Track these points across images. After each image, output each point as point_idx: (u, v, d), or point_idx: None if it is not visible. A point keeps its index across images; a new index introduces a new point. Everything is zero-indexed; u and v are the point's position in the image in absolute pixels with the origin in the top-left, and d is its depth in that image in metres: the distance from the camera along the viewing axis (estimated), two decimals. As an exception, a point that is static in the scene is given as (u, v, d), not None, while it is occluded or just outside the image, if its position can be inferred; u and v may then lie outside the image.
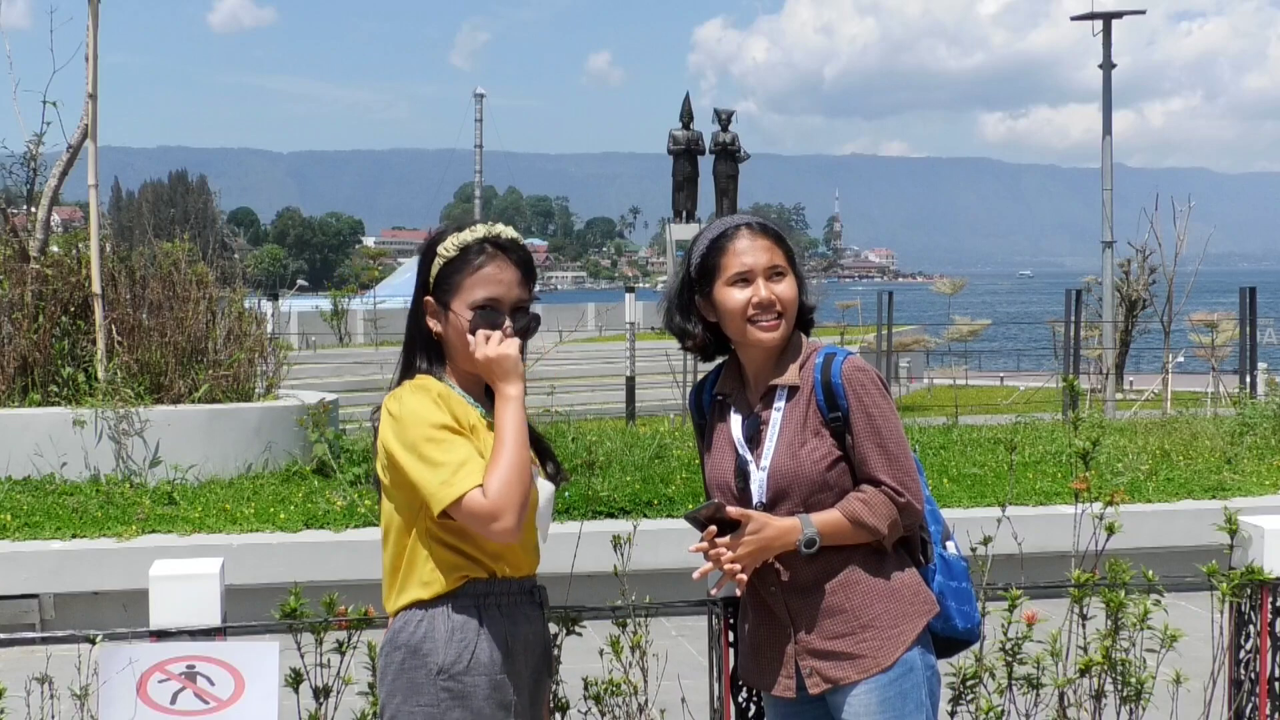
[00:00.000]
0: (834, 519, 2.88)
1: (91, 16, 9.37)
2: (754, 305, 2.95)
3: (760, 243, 2.98)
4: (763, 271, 2.96)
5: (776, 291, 2.96)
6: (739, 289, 2.97)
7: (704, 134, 38.24)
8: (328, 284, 71.00)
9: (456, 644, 2.65)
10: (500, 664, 2.69)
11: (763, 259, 2.97)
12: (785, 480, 2.92)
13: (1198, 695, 3.90)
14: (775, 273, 2.97)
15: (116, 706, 3.25)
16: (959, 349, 36.84)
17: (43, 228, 9.63)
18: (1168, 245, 23.57)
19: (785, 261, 2.99)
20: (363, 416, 17.35)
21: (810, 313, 3.09)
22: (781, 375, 2.99)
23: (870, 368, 3.00)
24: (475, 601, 2.69)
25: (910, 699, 2.90)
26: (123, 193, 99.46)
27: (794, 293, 2.99)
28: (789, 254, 3.02)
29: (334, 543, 7.35)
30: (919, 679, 2.92)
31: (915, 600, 2.95)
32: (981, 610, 3.73)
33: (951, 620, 3.03)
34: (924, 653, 2.96)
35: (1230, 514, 3.92)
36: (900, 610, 2.93)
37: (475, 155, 67.76)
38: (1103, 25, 23.83)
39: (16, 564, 6.97)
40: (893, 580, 2.95)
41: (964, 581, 3.08)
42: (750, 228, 3.00)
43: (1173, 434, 10.98)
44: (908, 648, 2.91)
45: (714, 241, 3.01)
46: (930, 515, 3.07)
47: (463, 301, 2.75)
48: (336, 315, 37.91)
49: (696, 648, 4.40)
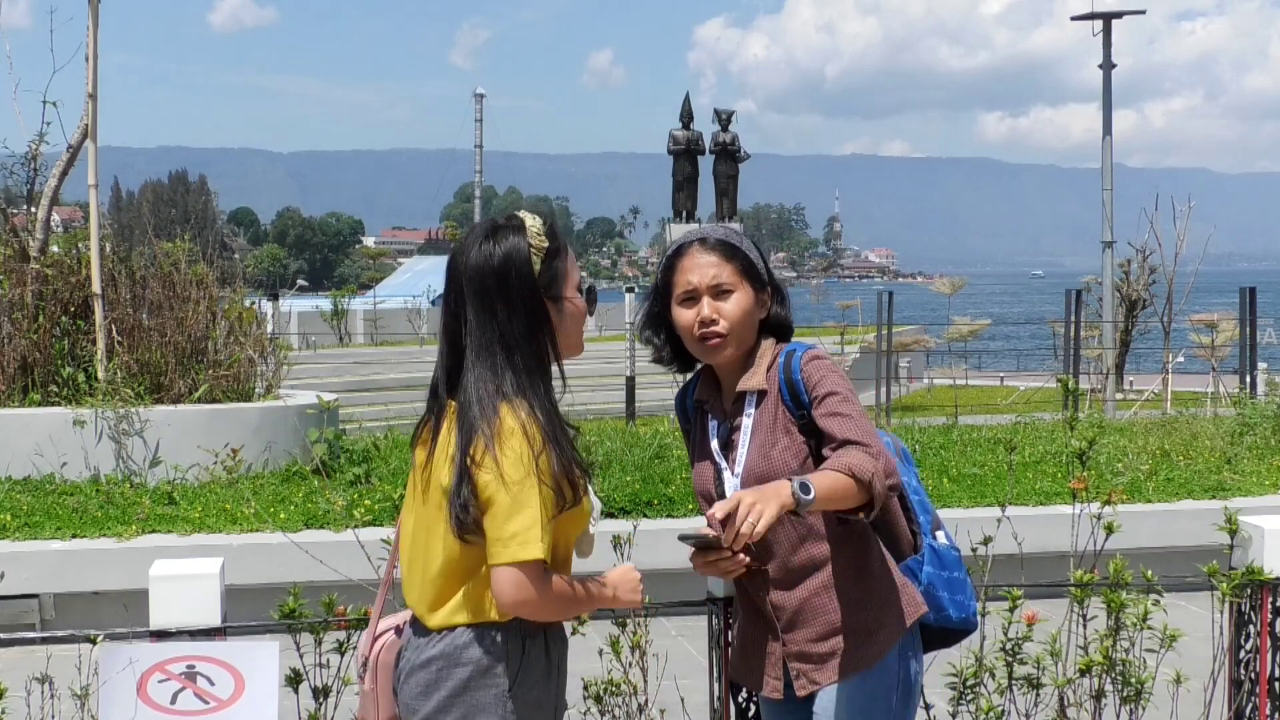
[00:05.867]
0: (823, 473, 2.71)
1: (91, 16, 9.37)
2: (699, 324, 2.94)
3: (706, 259, 2.96)
4: (707, 289, 2.94)
5: (721, 310, 2.93)
6: (687, 307, 2.97)
7: (704, 134, 38.25)
8: (327, 284, 70.98)
9: (528, 668, 2.62)
10: (557, 684, 2.70)
11: (707, 276, 2.94)
12: (759, 482, 2.89)
13: (1198, 695, 3.90)
14: (721, 290, 2.94)
15: (116, 706, 3.25)
16: (959, 349, 36.85)
17: (43, 228, 9.64)
18: (1168, 245, 23.58)
19: (736, 277, 2.95)
20: (363, 416, 17.23)
21: (784, 321, 3.05)
22: (750, 381, 2.98)
23: (827, 356, 2.99)
24: (544, 625, 2.65)
25: (879, 702, 2.88)
26: (123, 193, 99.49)
27: (742, 309, 2.95)
28: (745, 267, 2.97)
29: (334, 543, 7.35)
30: (892, 683, 2.89)
31: (896, 604, 2.93)
32: (982, 610, 3.74)
33: (945, 610, 3.00)
34: (905, 658, 2.93)
35: (1230, 514, 3.91)
36: (880, 615, 2.91)
37: (475, 155, 67.79)
38: (1103, 25, 23.83)
39: (16, 564, 6.97)
40: (873, 583, 2.93)
41: (956, 571, 3.04)
42: (701, 243, 2.98)
43: (1173, 434, 10.97)
44: (887, 652, 2.89)
45: (668, 259, 3.02)
46: (919, 505, 3.05)
47: (571, 286, 2.71)
48: (336, 315, 37.95)
49: (696, 648, 4.40)
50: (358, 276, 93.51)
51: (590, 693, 3.71)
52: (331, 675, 3.57)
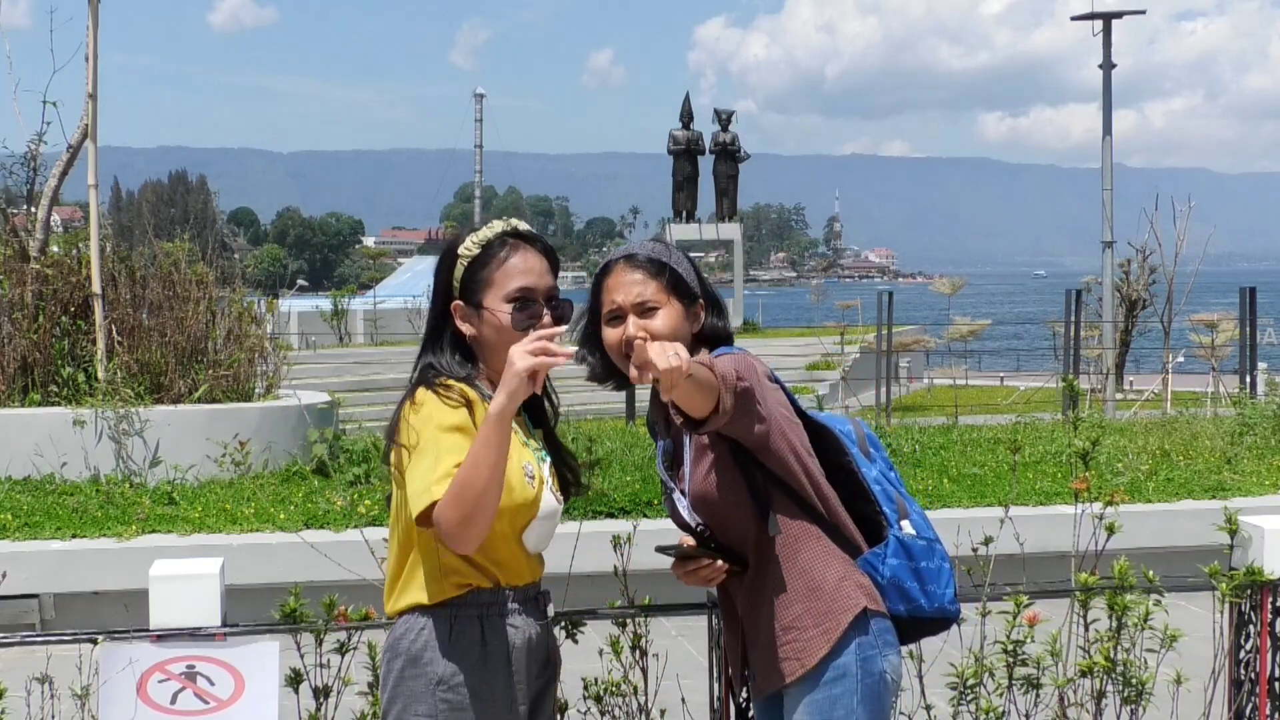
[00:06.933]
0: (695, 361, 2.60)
1: (91, 16, 9.37)
2: (624, 343, 2.86)
3: (631, 277, 2.88)
4: (631, 308, 2.87)
5: (649, 328, 2.85)
6: (614, 326, 2.90)
7: (704, 134, 38.31)
8: (327, 284, 70.98)
9: (457, 654, 2.62)
10: (501, 674, 2.67)
11: (631, 294, 2.87)
12: (701, 504, 2.90)
13: (1198, 695, 3.90)
14: (646, 308, 2.87)
15: (116, 706, 3.25)
16: (959, 349, 36.85)
17: (43, 228, 9.64)
18: (1168, 245, 23.57)
19: (662, 293, 2.88)
20: (363, 416, 17.23)
21: (720, 332, 2.98)
22: None
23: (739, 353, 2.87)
24: (478, 611, 2.65)
25: (839, 705, 2.82)
26: (123, 193, 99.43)
27: (670, 325, 2.86)
28: (673, 282, 2.89)
29: (334, 543, 7.35)
30: (852, 685, 2.82)
31: (838, 597, 2.85)
32: (983, 610, 3.74)
33: (916, 601, 2.93)
34: (866, 656, 2.85)
35: (1230, 514, 3.91)
36: (822, 609, 2.84)
37: (475, 155, 67.83)
38: (1103, 25, 23.81)
39: (16, 564, 6.97)
40: (813, 578, 2.86)
41: (925, 561, 2.95)
42: (627, 260, 2.91)
43: (1173, 434, 10.98)
44: (834, 649, 2.82)
45: (595, 278, 2.96)
46: (883, 495, 2.98)
47: (496, 296, 2.71)
48: (336, 315, 37.96)
49: (696, 648, 4.40)
50: (358, 276, 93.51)
51: (590, 693, 3.70)
52: (332, 675, 3.57)
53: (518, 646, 2.69)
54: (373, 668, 3.53)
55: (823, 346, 28.91)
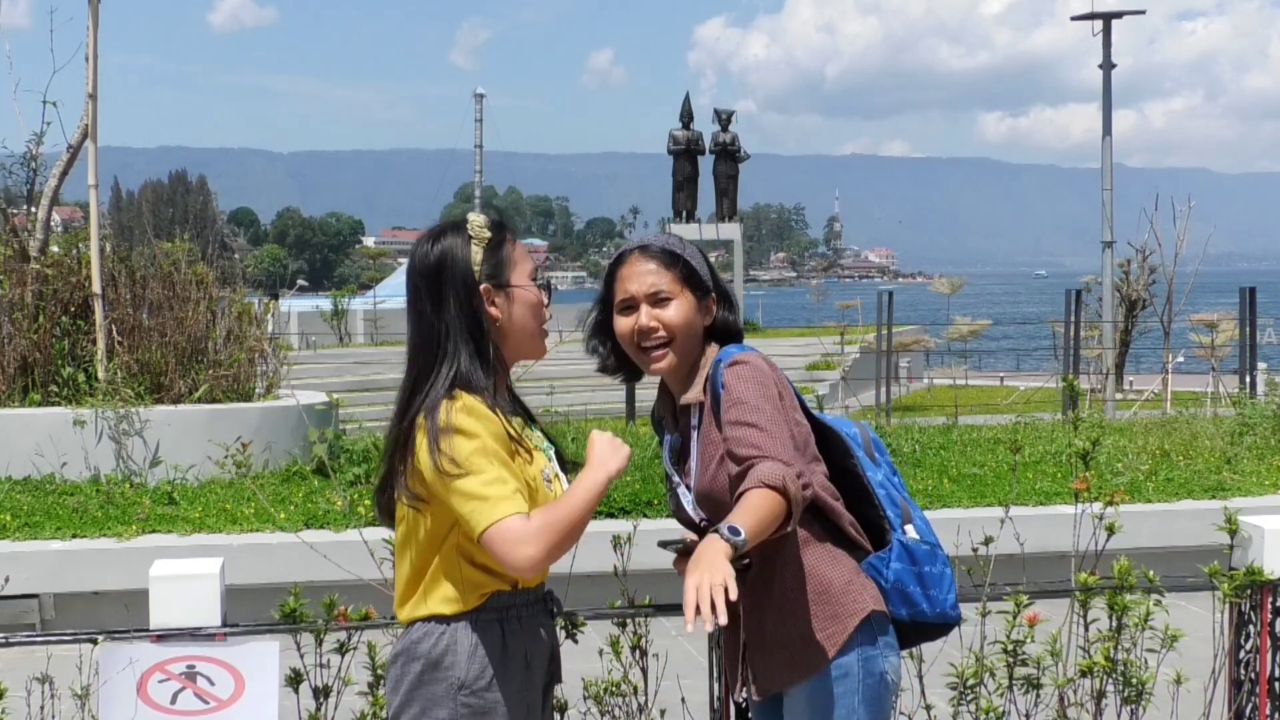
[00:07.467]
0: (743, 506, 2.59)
1: (91, 16, 9.37)
2: (637, 332, 2.90)
3: (645, 267, 2.90)
4: (645, 297, 2.89)
5: (662, 317, 2.88)
6: (626, 316, 2.92)
7: (704, 134, 38.29)
8: (327, 284, 70.93)
9: (480, 660, 2.62)
10: (520, 678, 2.67)
11: (645, 284, 2.89)
12: (706, 501, 2.90)
13: (1198, 695, 3.90)
14: (659, 298, 2.89)
15: (117, 706, 3.25)
16: (959, 349, 36.87)
17: (43, 228, 9.64)
18: (1168, 245, 23.59)
19: (676, 284, 2.90)
20: (363, 416, 17.21)
21: (730, 326, 2.99)
22: (690, 394, 2.93)
23: (751, 358, 2.88)
24: (498, 615, 2.65)
25: (841, 704, 2.82)
26: (123, 193, 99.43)
27: (683, 316, 2.88)
28: (686, 274, 2.91)
29: (334, 543, 7.35)
30: (853, 685, 2.83)
31: (845, 599, 2.85)
32: (983, 610, 3.74)
33: (918, 606, 2.93)
34: (868, 657, 2.85)
35: (1230, 514, 3.91)
36: (830, 611, 2.85)
37: (475, 155, 67.84)
38: (1103, 25, 23.81)
39: (16, 564, 6.97)
40: (820, 579, 2.86)
41: (929, 565, 2.95)
42: (641, 251, 2.93)
43: (1173, 434, 10.98)
44: (840, 650, 2.83)
45: (609, 268, 2.98)
46: (886, 499, 2.97)
47: (522, 274, 2.72)
48: (336, 315, 37.97)
49: (696, 648, 4.40)
50: (358, 276, 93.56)
51: (590, 693, 3.70)
52: (332, 675, 3.57)
53: (533, 649, 2.71)
54: (373, 668, 3.53)
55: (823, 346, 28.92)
